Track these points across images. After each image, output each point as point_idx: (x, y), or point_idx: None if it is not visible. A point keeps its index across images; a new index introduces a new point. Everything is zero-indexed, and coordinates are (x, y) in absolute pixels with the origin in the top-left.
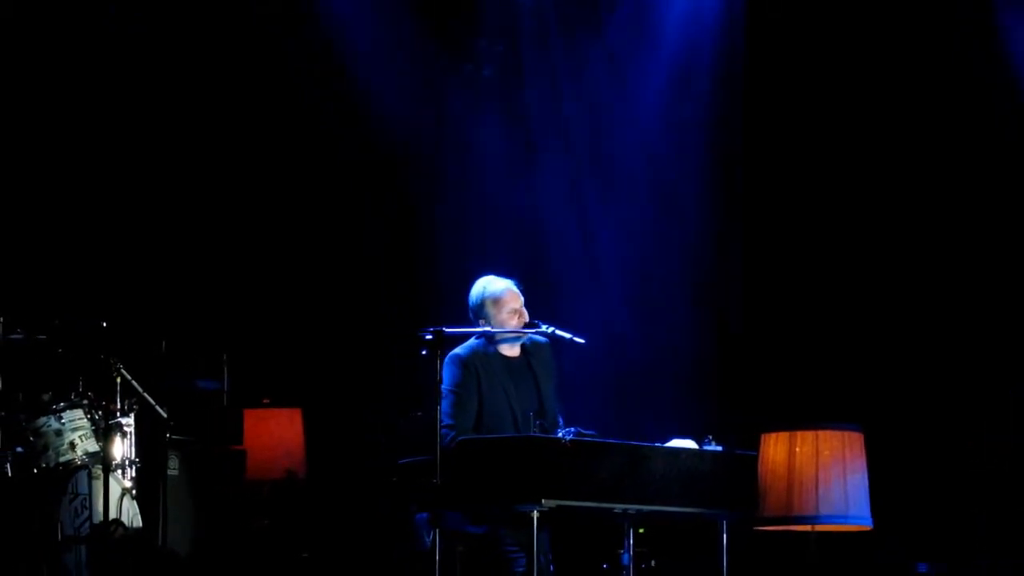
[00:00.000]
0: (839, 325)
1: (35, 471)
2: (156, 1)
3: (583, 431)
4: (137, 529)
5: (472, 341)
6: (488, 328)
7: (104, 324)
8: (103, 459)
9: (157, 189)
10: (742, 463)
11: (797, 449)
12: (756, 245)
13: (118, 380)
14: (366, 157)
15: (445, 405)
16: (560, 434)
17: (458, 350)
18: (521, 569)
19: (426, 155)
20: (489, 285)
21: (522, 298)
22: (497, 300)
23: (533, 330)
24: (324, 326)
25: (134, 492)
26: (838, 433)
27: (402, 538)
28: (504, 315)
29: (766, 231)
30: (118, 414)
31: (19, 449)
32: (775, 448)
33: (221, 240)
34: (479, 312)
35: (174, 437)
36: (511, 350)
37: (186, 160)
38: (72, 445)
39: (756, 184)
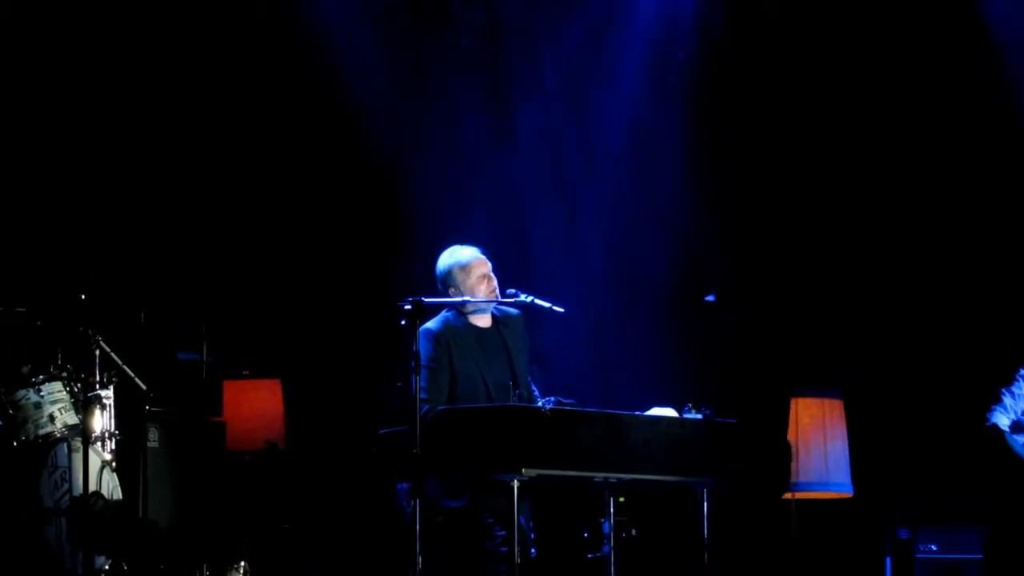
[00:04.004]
0: (820, 293)
1: (14, 444)
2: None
3: (563, 400)
4: (117, 501)
5: (443, 313)
6: (465, 297)
7: (83, 296)
8: (83, 432)
9: (135, 163)
10: (722, 431)
11: None
12: (737, 214)
13: (97, 352)
14: (344, 129)
15: (420, 379)
16: (540, 403)
17: (429, 324)
18: (501, 537)
19: (405, 126)
20: (455, 252)
21: (490, 264)
22: (465, 267)
23: (513, 299)
24: (303, 297)
25: (114, 464)
26: (818, 400)
27: (383, 508)
28: (473, 280)
29: (748, 201)
30: (97, 386)
31: None
32: None
33: (199, 212)
34: (447, 281)
35: (154, 409)
36: (482, 320)
37: (162, 132)
38: (51, 418)
39: (737, 154)
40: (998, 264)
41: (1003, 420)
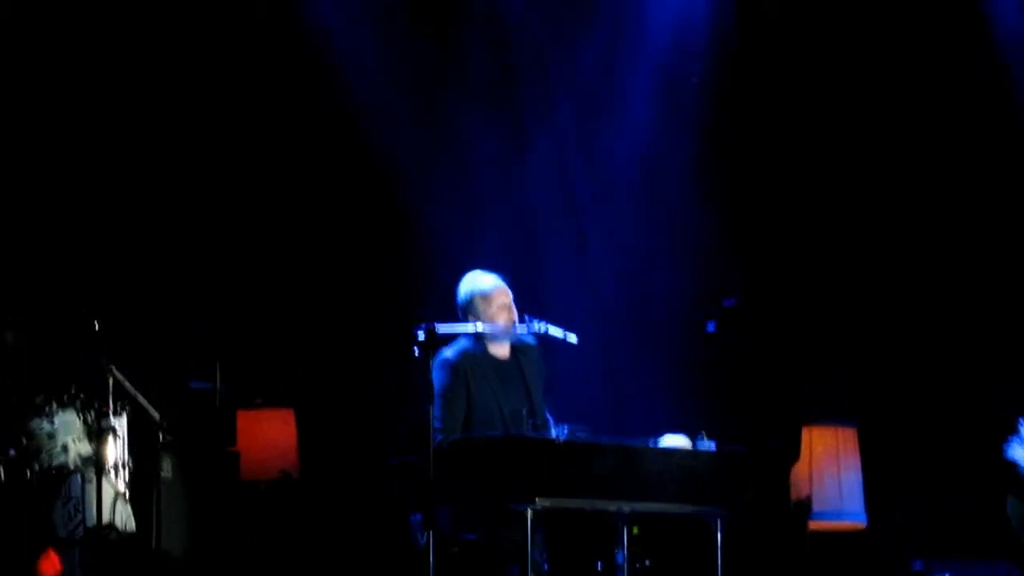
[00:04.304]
0: (834, 320)
1: (28, 474)
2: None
3: (576, 429)
4: (131, 533)
5: (461, 342)
6: (479, 325)
7: (96, 325)
8: (96, 462)
9: (149, 190)
10: (736, 461)
11: None
12: (751, 241)
13: (110, 381)
14: (357, 155)
15: (434, 408)
16: (554, 433)
17: (447, 353)
18: (516, 569)
19: (417, 152)
20: (477, 281)
21: (511, 294)
22: (486, 296)
23: (526, 328)
24: (316, 325)
25: (127, 495)
26: (832, 429)
27: (397, 538)
28: (493, 310)
29: (762, 228)
30: (111, 416)
31: (11, 452)
32: None
33: (213, 240)
34: (468, 309)
35: (167, 439)
36: (500, 349)
37: (176, 158)
38: (65, 448)
39: (748, 178)
40: (1017, 286)
41: (1021, 453)
